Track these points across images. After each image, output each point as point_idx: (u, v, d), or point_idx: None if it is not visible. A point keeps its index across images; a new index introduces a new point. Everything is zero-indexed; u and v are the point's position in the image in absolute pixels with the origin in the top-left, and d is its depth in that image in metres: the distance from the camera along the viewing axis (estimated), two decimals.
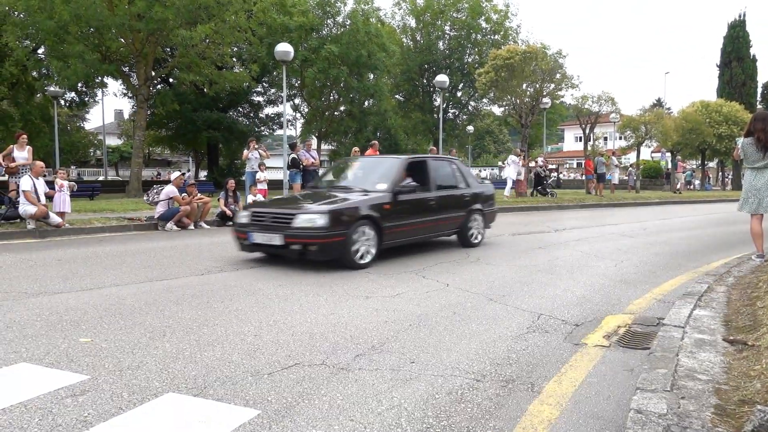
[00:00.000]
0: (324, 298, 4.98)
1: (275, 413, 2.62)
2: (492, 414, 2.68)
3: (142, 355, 3.41)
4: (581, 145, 47.07)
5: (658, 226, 12.59)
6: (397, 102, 38.60)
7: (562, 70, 24.93)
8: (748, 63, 41.79)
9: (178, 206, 10.85)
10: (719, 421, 2.21)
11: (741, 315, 3.92)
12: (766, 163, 6.30)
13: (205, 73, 22.14)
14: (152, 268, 6.44)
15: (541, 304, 4.88)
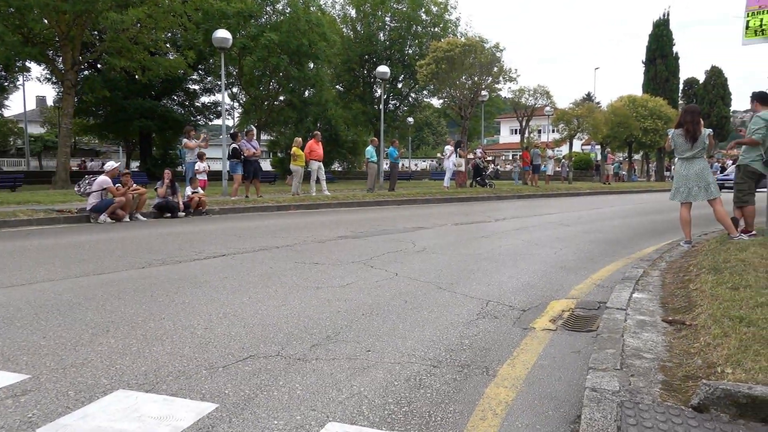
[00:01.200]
0: (274, 290, 4.91)
1: (234, 406, 2.56)
2: (451, 398, 2.72)
3: (85, 352, 3.25)
4: (517, 137, 48.45)
5: (591, 215, 13.15)
6: (338, 92, 38.35)
7: (499, 64, 25.51)
8: (671, 60, 44.22)
9: (112, 197, 10.38)
10: (667, 395, 2.34)
11: (676, 297, 4.16)
12: (695, 153, 6.69)
13: (138, 58, 21.19)
14: (88, 262, 6.13)
15: (489, 291, 5.00)
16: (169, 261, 6.27)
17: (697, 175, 6.73)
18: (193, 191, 12.18)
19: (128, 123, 28.97)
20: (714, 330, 3.02)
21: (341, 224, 10.31)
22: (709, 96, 49.05)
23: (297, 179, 16.65)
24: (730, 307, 3.38)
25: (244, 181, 15.21)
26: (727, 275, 4.32)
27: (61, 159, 21.05)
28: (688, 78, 51.78)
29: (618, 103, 35.98)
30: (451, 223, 10.66)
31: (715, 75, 50.08)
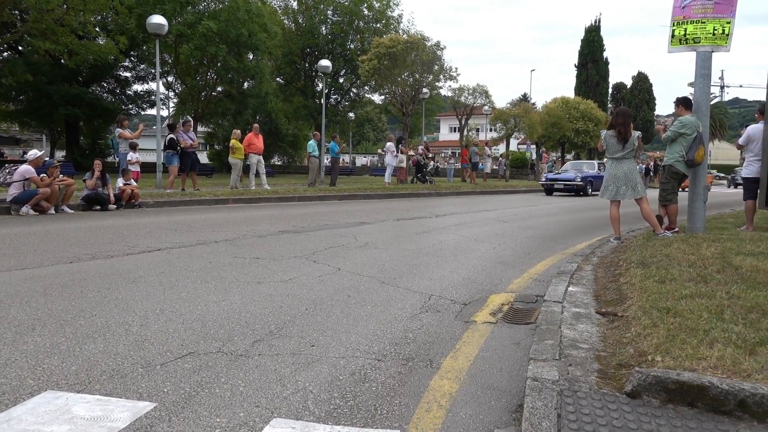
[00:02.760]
0: (213, 285, 4.77)
1: (173, 405, 2.47)
2: (396, 391, 2.74)
3: (8, 351, 3.04)
4: (455, 135, 49.31)
5: (527, 212, 13.58)
6: (278, 85, 37.74)
7: (440, 62, 25.87)
8: (601, 65, 46.24)
9: (35, 188, 9.79)
10: (603, 383, 2.45)
11: (608, 290, 4.36)
12: (625, 154, 7.02)
13: (64, 42, 20.03)
14: (9, 257, 5.76)
15: (431, 286, 5.07)
16: (100, 255, 5.98)
17: (625, 174, 7.06)
18: (125, 183, 11.67)
19: (53, 110, 27.36)
20: (644, 321, 3.18)
21: (282, 219, 10.16)
22: (636, 100, 51.67)
23: (236, 172, 16.27)
24: (658, 299, 3.57)
25: (181, 173, 14.72)
26: (654, 269, 4.56)
27: None
28: (616, 82, 54.33)
29: (552, 104, 37.27)
30: (392, 219, 10.72)
31: (641, 80, 52.79)
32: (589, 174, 21.67)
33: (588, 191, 20.90)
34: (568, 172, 22.30)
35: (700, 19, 7.00)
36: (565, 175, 21.79)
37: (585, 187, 20.95)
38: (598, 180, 19.98)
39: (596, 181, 20.49)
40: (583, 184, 20.92)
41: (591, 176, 21.48)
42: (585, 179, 21.14)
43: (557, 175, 22.45)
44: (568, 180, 21.18)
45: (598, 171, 21.56)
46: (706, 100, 7.41)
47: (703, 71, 7.08)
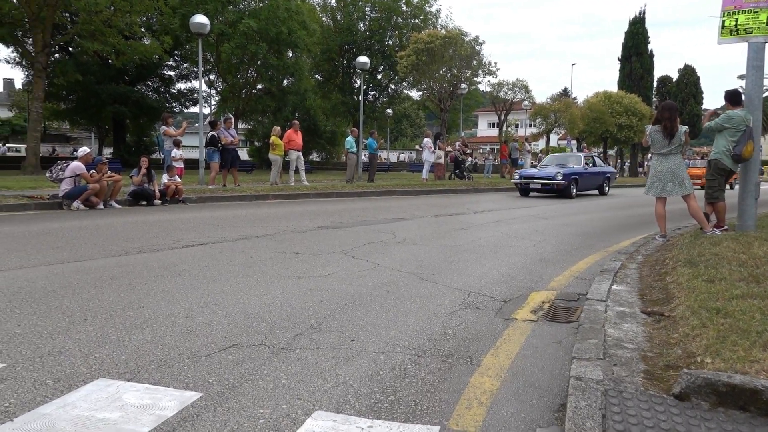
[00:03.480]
0: (255, 279, 4.86)
1: (218, 395, 2.53)
2: (436, 387, 2.73)
3: (62, 340, 3.17)
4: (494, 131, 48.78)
5: (568, 208, 13.32)
6: (317, 82, 38.08)
7: (479, 57, 25.61)
8: (646, 58, 44.84)
9: (85, 184, 10.16)
10: (650, 384, 2.39)
11: (653, 289, 4.24)
12: (671, 150, 6.81)
13: (111, 42, 20.71)
14: (62, 249, 6.00)
15: (470, 282, 5.03)
16: (147, 249, 6.17)
17: (671, 170, 6.86)
18: (169, 179, 11.99)
19: (101, 109, 28.34)
20: (692, 321, 3.08)
21: (321, 214, 10.26)
22: (682, 94, 49.95)
23: (275, 169, 16.50)
24: (707, 299, 3.46)
25: (222, 169, 15.02)
26: (703, 268, 4.41)
27: (31, 144, 20.51)
28: (662, 76, 52.56)
29: (594, 99, 36.42)
30: (430, 215, 10.69)
31: (688, 73, 50.99)
32: (573, 170, 17.33)
33: (572, 192, 16.88)
34: (547, 168, 17.87)
35: (752, 8, 6.71)
36: (543, 172, 17.40)
37: (568, 187, 16.68)
38: (585, 177, 17.78)
39: (582, 180, 17.62)
40: (565, 183, 16.54)
41: (575, 173, 17.30)
42: (568, 177, 16.77)
43: (534, 171, 18.21)
44: (547, 178, 16.83)
45: (585, 167, 18.06)
46: (759, 93, 7.10)
47: (756, 63, 6.79)
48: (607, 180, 19.49)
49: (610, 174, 20.09)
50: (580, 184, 17.47)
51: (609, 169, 20.51)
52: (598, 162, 19.90)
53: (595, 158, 19.98)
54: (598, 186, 18.99)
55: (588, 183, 18.19)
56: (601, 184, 19.14)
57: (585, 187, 18.00)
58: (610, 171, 20.32)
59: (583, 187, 17.76)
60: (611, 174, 20.14)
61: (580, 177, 17.47)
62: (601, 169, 19.37)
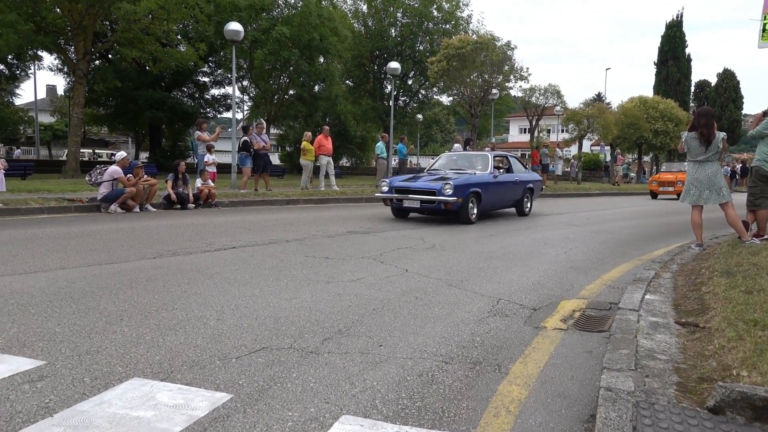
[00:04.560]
0: (284, 283, 4.92)
1: (248, 397, 2.57)
2: (464, 395, 2.73)
3: (99, 339, 3.27)
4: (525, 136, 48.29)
5: (601, 215, 13.10)
6: (348, 88, 38.34)
7: (510, 62, 25.43)
8: (683, 62, 43.91)
9: (122, 188, 10.44)
10: (683, 397, 2.34)
11: (688, 299, 4.14)
12: (708, 157, 6.65)
13: (149, 49, 21.26)
14: (100, 251, 6.17)
15: (499, 289, 5.00)
16: (180, 252, 6.30)
17: (708, 178, 6.70)
18: (203, 183, 12.23)
19: (138, 114, 29.10)
20: (728, 333, 3.01)
21: (350, 219, 10.32)
22: (721, 99, 48.71)
23: (306, 174, 16.67)
24: (744, 311, 3.37)
25: (253, 174, 15.25)
26: (740, 279, 4.29)
27: (71, 148, 21.18)
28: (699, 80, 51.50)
29: (629, 104, 35.77)
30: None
31: (728, 78, 49.70)
32: (472, 180, 10.49)
33: (470, 214, 10.23)
34: (434, 175, 11.05)
35: None
36: (423, 183, 10.40)
37: (464, 206, 10.08)
38: (493, 190, 10.96)
39: (490, 194, 10.80)
40: (458, 202, 9.91)
41: (476, 184, 10.46)
42: (464, 191, 10.08)
43: (411, 182, 10.65)
44: (429, 192, 10.07)
45: (494, 173, 11.14)
46: None
47: None
48: (528, 193, 12.38)
49: (534, 183, 12.76)
50: (485, 200, 10.59)
51: (530, 177, 12.98)
52: (516, 165, 12.69)
53: (512, 160, 12.73)
54: (514, 202, 12.00)
55: (499, 198, 11.35)
56: (520, 200, 12.04)
57: (494, 203, 11.28)
58: (532, 179, 12.86)
59: (491, 203, 11.06)
60: (535, 183, 12.85)
61: (485, 190, 10.56)
62: (518, 176, 12.08)
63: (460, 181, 10.15)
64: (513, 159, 12.87)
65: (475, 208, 10.44)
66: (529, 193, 12.45)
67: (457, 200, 9.85)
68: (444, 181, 10.05)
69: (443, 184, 9.88)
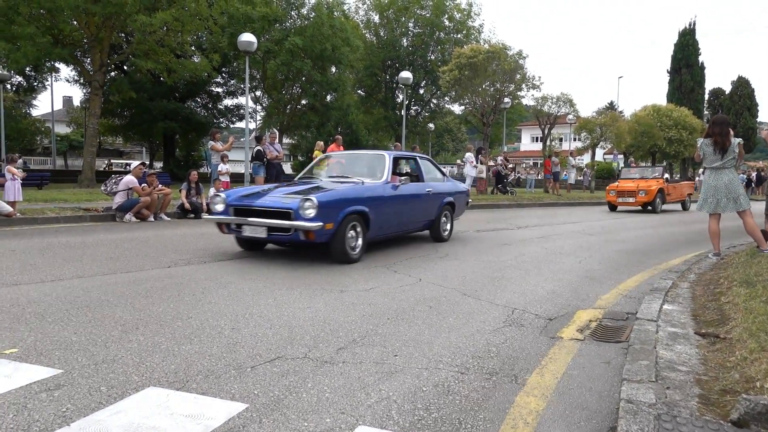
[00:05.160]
0: (299, 292, 4.92)
1: (264, 407, 2.56)
2: (480, 406, 2.70)
3: (116, 348, 3.28)
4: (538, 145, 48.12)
5: (615, 224, 12.99)
6: (360, 97, 38.49)
7: (522, 71, 25.38)
8: (696, 70, 43.62)
9: (137, 197, 10.53)
10: (705, 409, 2.29)
11: (707, 310, 4.08)
12: (724, 164, 6.57)
13: (164, 60, 21.49)
14: (115, 260, 6.22)
15: (514, 299, 4.96)
16: (194, 261, 6.33)
17: (726, 186, 6.61)
18: (215, 192, 12.28)
19: (153, 124, 29.37)
20: (750, 344, 2.95)
21: None
22: (736, 107, 48.23)
23: None
24: (766, 321, 3.30)
25: (266, 183, 15.30)
26: (761, 289, 4.22)
27: (87, 158, 21.41)
28: (714, 88, 50.99)
29: (642, 112, 35.49)
30: (472, 230, 10.60)
31: (742, 85, 49.23)
32: (355, 194, 6.85)
33: (350, 249, 6.57)
34: (301, 185, 7.25)
35: None
36: (274, 199, 6.55)
37: (337, 235, 6.37)
38: (390, 208, 7.40)
39: (384, 213, 7.22)
40: (325, 230, 6.18)
41: (365, 199, 6.87)
42: (337, 211, 6.34)
43: (257, 197, 6.64)
44: (278, 211, 6.34)
45: (395, 182, 7.59)
46: None
47: None
48: (447, 210, 8.88)
49: (456, 197, 9.20)
50: (377, 223, 7.07)
51: (450, 187, 9.31)
52: (429, 171, 9.09)
53: (423, 163, 8.94)
54: (426, 223, 8.52)
55: (401, 219, 7.78)
56: (435, 219, 8.59)
57: (394, 227, 7.70)
58: (452, 190, 9.24)
59: (387, 227, 7.50)
60: (457, 197, 9.26)
61: (377, 208, 7.06)
62: (432, 187, 8.60)
63: (330, 196, 6.32)
64: (425, 162, 9.03)
65: (359, 237, 6.65)
66: (448, 209, 8.81)
67: (324, 226, 6.04)
68: (304, 195, 6.18)
69: (302, 201, 6.06)
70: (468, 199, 10.15)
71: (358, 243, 6.71)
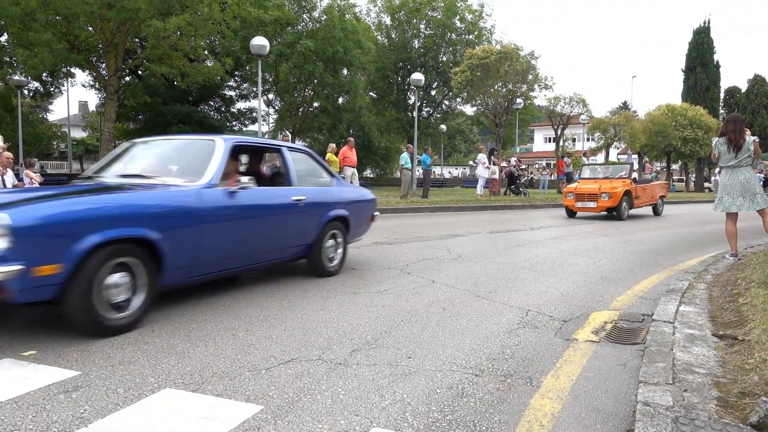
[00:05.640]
0: (312, 294, 4.94)
1: (278, 409, 2.57)
2: (495, 408, 2.68)
3: (132, 350, 3.31)
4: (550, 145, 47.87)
5: (630, 225, 12.87)
6: (371, 99, 38.56)
7: (535, 71, 25.28)
8: (711, 69, 43.13)
9: None
10: (724, 412, 2.26)
11: (725, 311, 4.03)
12: (739, 162, 6.49)
13: (178, 65, 21.72)
14: None
15: (528, 301, 4.93)
16: None
17: (742, 184, 6.53)
18: None
19: (167, 128, 29.64)
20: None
21: (375, 230, 10.30)
22: (752, 105, 47.62)
23: None
24: None
25: None
26: None
27: None
28: (729, 87, 50.40)
29: (656, 111, 35.20)
30: (485, 231, 10.57)
31: (758, 84, 48.59)
32: (121, 207, 3.72)
33: (98, 311, 3.43)
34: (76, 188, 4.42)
35: None
36: None
37: (76, 286, 3.32)
38: (206, 229, 4.28)
39: (190, 238, 4.14)
40: (36, 282, 3.15)
41: (148, 217, 3.82)
42: (68, 245, 3.27)
43: None
44: None
45: (231, 185, 4.66)
46: None
47: None
48: (338, 226, 6.02)
49: (349, 207, 6.20)
50: (181, 253, 4.07)
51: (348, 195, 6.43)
52: (307, 167, 6.07)
53: (292, 157, 5.74)
54: (300, 247, 5.54)
55: (243, 245, 4.78)
56: (315, 243, 5.65)
57: (225, 258, 4.61)
58: (344, 199, 6.20)
59: (208, 259, 4.41)
60: (351, 207, 6.24)
61: (180, 230, 4.08)
62: (305, 194, 5.54)
63: (44, 211, 3.36)
64: (298, 155, 6.01)
65: (136, 290, 3.80)
66: (337, 228, 6.00)
67: (34, 271, 3.18)
68: None
69: None
70: (374, 211, 6.92)
71: (132, 302, 3.75)
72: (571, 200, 14.86)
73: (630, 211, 14.78)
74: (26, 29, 18.84)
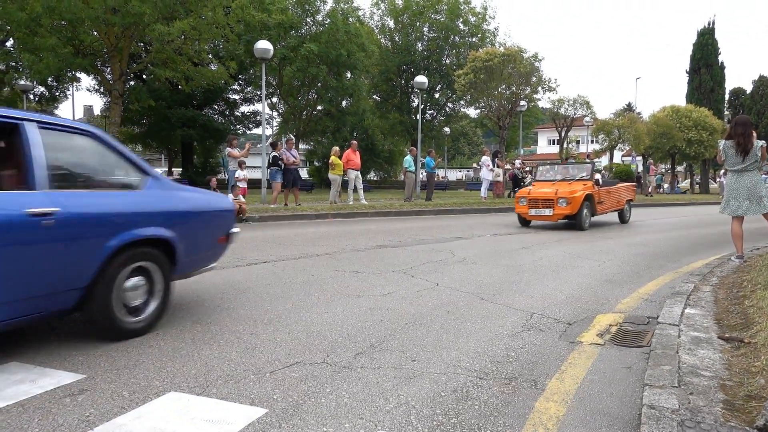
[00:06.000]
0: (316, 297, 4.94)
1: (283, 412, 2.57)
2: (500, 411, 2.68)
3: (137, 353, 3.32)
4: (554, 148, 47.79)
5: (634, 227, 12.83)
6: (375, 102, 38.61)
7: (538, 74, 25.26)
8: (716, 70, 42.99)
9: None
10: (730, 415, 2.25)
11: (731, 314, 4.01)
12: (746, 166, 6.47)
13: (182, 69, 21.77)
14: None
15: (532, 303, 4.92)
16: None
17: (748, 188, 6.51)
18: (234, 198, 12.40)
19: (171, 132, 29.77)
20: None
21: (379, 233, 10.32)
22: (757, 106, 47.42)
23: (335, 188, 16.78)
24: None
25: (283, 189, 15.41)
26: None
27: None
28: (734, 88, 50.22)
29: (660, 113, 35.08)
30: (489, 234, 10.56)
31: (764, 85, 48.38)
32: None
33: None
34: None
35: None
36: None
37: None
38: None
39: None
40: None
41: None
42: None
43: None
44: None
45: None
46: None
47: None
48: (149, 257, 3.77)
49: (181, 224, 4.06)
50: None
51: (178, 203, 4.15)
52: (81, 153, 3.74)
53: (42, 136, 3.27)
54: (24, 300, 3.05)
55: None
56: (93, 285, 3.36)
57: None
58: (177, 210, 4.11)
59: None
60: (190, 223, 4.22)
61: None
62: (79, 205, 3.35)
63: None
64: (69, 138, 3.64)
65: None
66: (150, 256, 3.83)
67: None
68: None
69: None
70: (229, 228, 4.90)
71: None
72: (524, 207, 12.26)
73: (592, 218, 12.38)
74: (32, 34, 18.94)
